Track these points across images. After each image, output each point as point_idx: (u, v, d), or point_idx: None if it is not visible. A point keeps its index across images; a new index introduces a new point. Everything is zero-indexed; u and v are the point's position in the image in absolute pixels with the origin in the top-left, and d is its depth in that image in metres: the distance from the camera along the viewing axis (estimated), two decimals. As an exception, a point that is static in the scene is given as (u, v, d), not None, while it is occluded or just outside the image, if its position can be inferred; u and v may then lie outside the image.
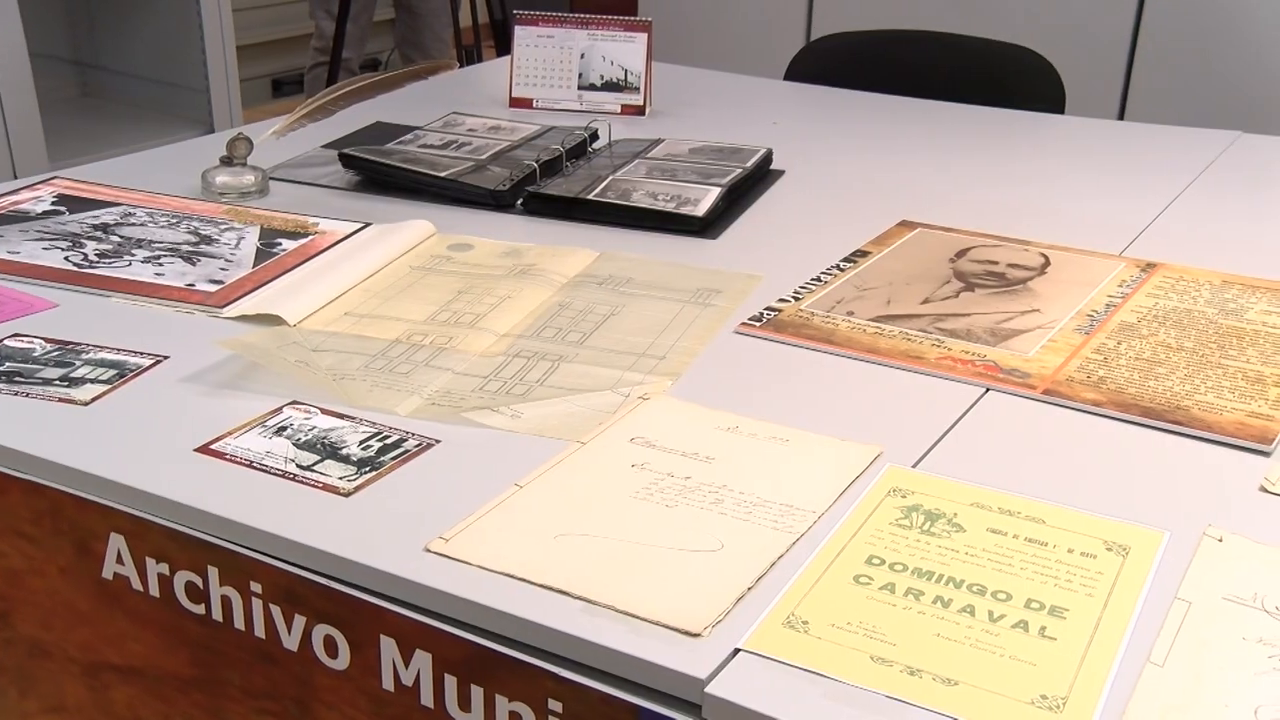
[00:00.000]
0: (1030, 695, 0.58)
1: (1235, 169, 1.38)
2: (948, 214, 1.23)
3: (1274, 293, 1.04)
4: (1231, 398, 0.86)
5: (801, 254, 1.13)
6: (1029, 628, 0.63)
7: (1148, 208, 1.26)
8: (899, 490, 0.75)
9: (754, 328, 0.99)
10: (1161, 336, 0.96)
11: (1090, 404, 0.86)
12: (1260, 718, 0.56)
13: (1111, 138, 1.53)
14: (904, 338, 0.97)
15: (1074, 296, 1.04)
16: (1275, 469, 0.77)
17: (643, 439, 0.80)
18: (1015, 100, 1.65)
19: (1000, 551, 0.69)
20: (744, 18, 2.69)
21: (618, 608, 0.63)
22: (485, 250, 1.13)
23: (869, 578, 0.67)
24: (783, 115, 1.63)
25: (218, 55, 2.28)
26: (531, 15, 1.60)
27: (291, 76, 3.95)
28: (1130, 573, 0.67)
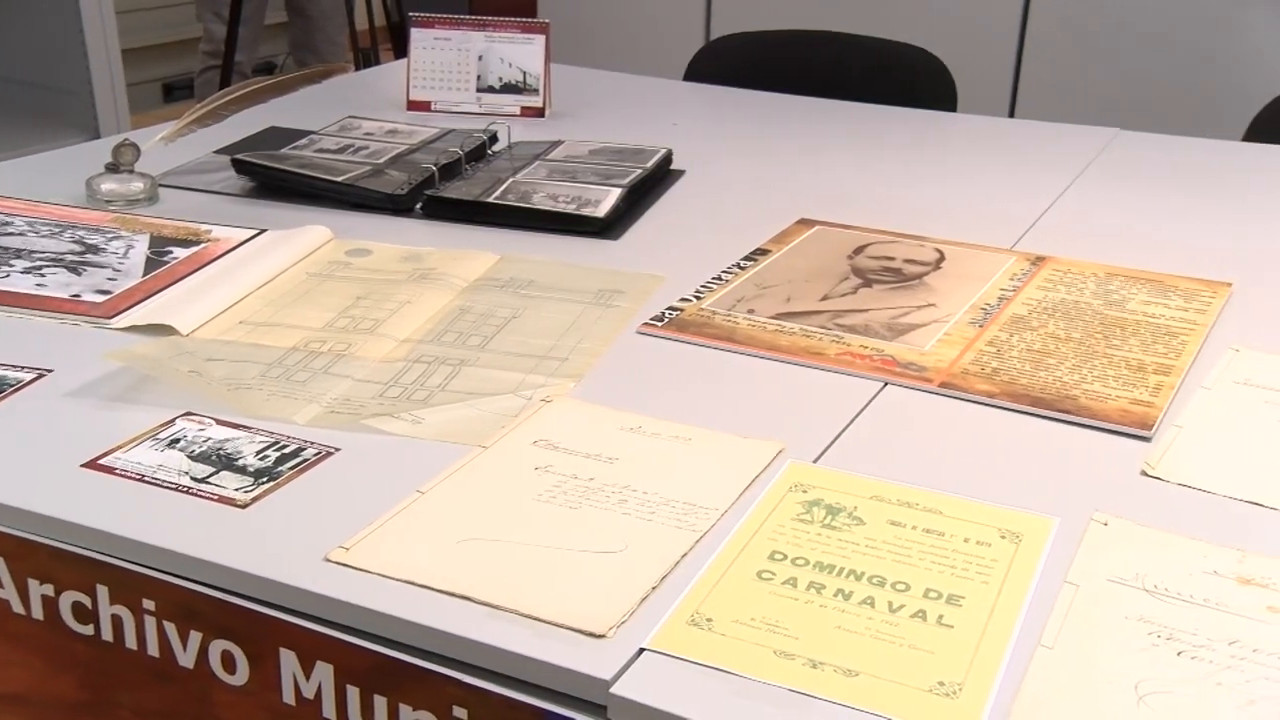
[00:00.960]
0: (928, 683, 0.59)
1: (1115, 164, 1.42)
2: (846, 211, 1.25)
3: (1153, 284, 1.07)
4: (1115, 386, 0.89)
5: (702, 253, 1.14)
6: (927, 617, 0.64)
7: (1036, 203, 1.29)
8: (800, 486, 0.76)
9: (656, 328, 0.99)
10: (1051, 328, 0.99)
11: (984, 395, 0.88)
12: (1140, 692, 0.58)
13: (1001, 135, 1.57)
14: (804, 334, 0.98)
15: (968, 290, 1.06)
16: (1155, 453, 0.80)
17: (546, 441, 0.80)
18: (909, 99, 1.69)
19: (899, 543, 0.70)
20: (643, 19, 2.70)
21: (521, 611, 0.63)
22: (384, 255, 1.12)
23: (772, 573, 0.67)
24: (682, 116, 1.64)
25: (101, 58, 2.21)
26: (428, 17, 1.58)
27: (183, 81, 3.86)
28: (1022, 559, 0.69)
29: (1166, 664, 0.60)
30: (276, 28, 3.41)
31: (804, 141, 1.51)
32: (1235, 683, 0.58)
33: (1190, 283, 1.07)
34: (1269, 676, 0.59)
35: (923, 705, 0.58)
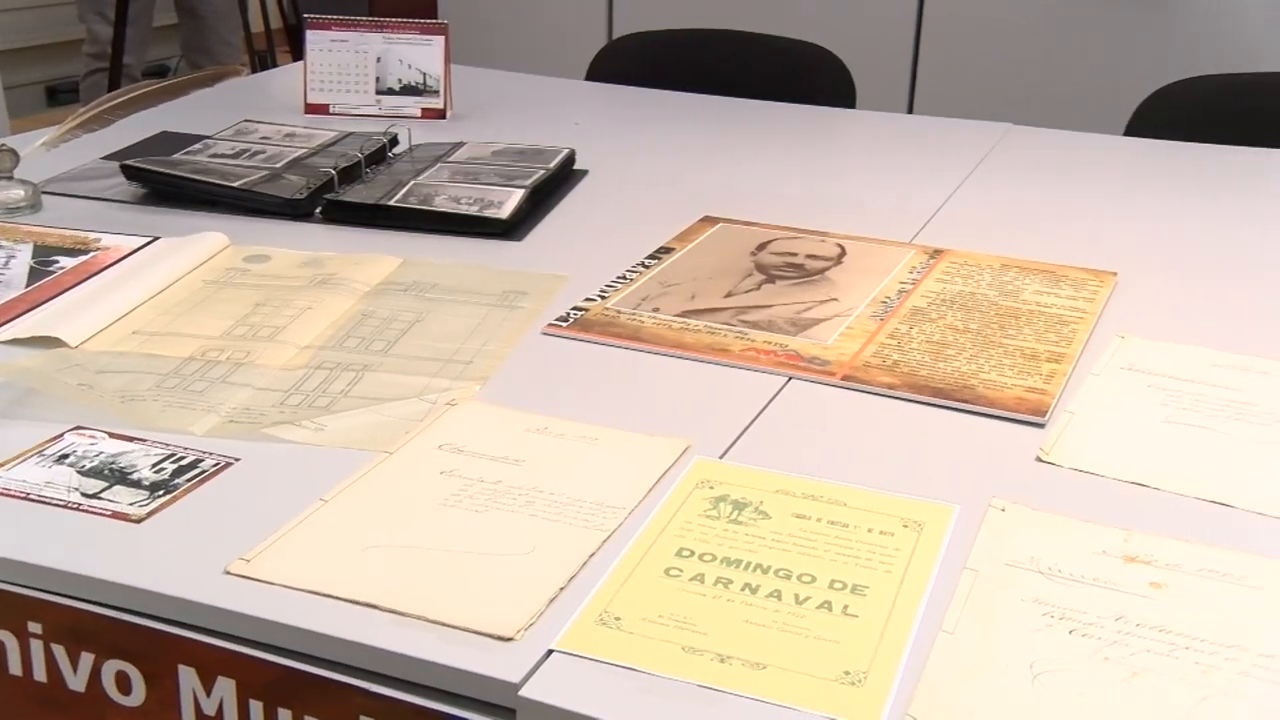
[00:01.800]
0: (834, 672, 0.60)
1: (1008, 159, 1.46)
2: (748, 208, 1.27)
3: (1045, 274, 1.10)
4: (1011, 374, 0.91)
5: (606, 253, 1.14)
6: (833, 607, 0.65)
7: (934, 197, 1.32)
8: (707, 482, 0.77)
9: (561, 328, 0.99)
10: (949, 319, 1.01)
11: (886, 387, 0.90)
12: (1034, 671, 0.59)
13: (899, 131, 1.59)
14: (708, 331, 0.98)
15: (869, 284, 1.08)
16: (1049, 439, 0.82)
17: (451, 445, 0.80)
18: (809, 96, 1.71)
19: (805, 536, 0.71)
20: (544, 19, 2.69)
21: (428, 617, 0.62)
22: (283, 261, 1.10)
23: (679, 570, 0.68)
24: (585, 115, 1.64)
25: (-24, 59, 2.13)
26: (323, 19, 1.56)
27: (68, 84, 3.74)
28: (924, 548, 0.70)
29: (1059, 643, 0.62)
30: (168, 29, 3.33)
31: (706, 139, 1.52)
32: (1120, 656, 0.60)
33: (1079, 272, 1.11)
34: (1150, 649, 0.61)
35: (829, 695, 0.58)
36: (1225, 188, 1.34)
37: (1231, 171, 1.39)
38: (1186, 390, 0.88)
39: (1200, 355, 0.94)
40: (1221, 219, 1.25)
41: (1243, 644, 0.61)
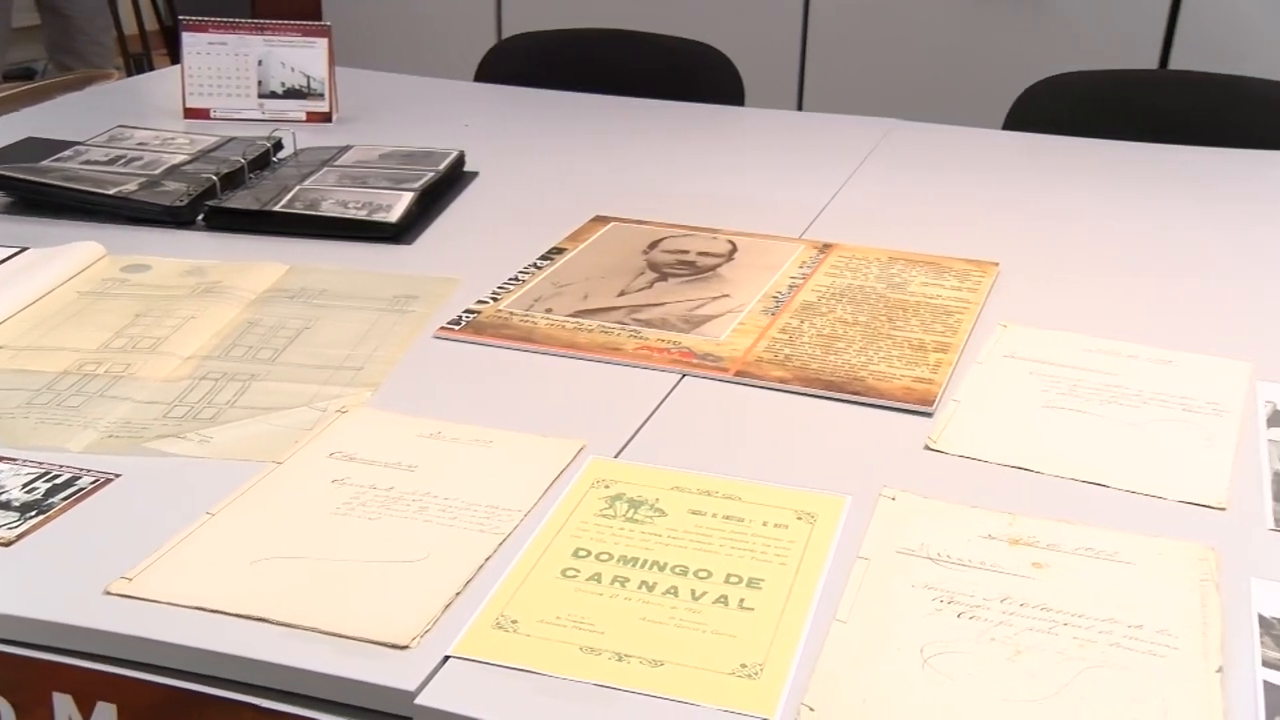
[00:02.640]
0: (731, 666, 0.61)
1: (893, 154, 1.49)
2: (640, 207, 1.27)
3: (930, 266, 1.13)
4: (899, 365, 0.93)
5: (498, 254, 1.13)
6: (729, 601, 0.66)
7: (822, 192, 1.34)
8: (602, 481, 0.77)
9: (453, 331, 0.98)
10: (839, 313, 1.02)
11: (778, 382, 0.91)
12: (925, 655, 0.61)
13: (787, 127, 1.62)
14: (602, 331, 0.98)
15: (760, 280, 1.09)
16: (937, 427, 0.84)
17: (342, 453, 0.78)
18: (698, 94, 1.72)
19: (701, 531, 0.72)
20: (431, 20, 2.66)
21: (321, 629, 0.61)
22: (164, 270, 1.07)
23: (576, 570, 0.68)
24: (474, 117, 1.62)
25: None
26: (200, 21, 1.52)
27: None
28: (818, 538, 0.71)
29: (948, 626, 0.63)
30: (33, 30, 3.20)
31: (597, 139, 1.52)
32: (1005, 636, 0.62)
33: (963, 264, 1.13)
34: (1033, 627, 0.63)
35: (726, 688, 0.59)
36: (1098, 179, 1.39)
37: (1103, 164, 1.44)
38: (1064, 376, 0.91)
39: (1076, 341, 0.97)
40: (1094, 210, 1.29)
41: (1115, 617, 0.63)
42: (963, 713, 0.57)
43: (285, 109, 1.54)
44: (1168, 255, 1.16)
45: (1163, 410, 0.86)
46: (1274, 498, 0.75)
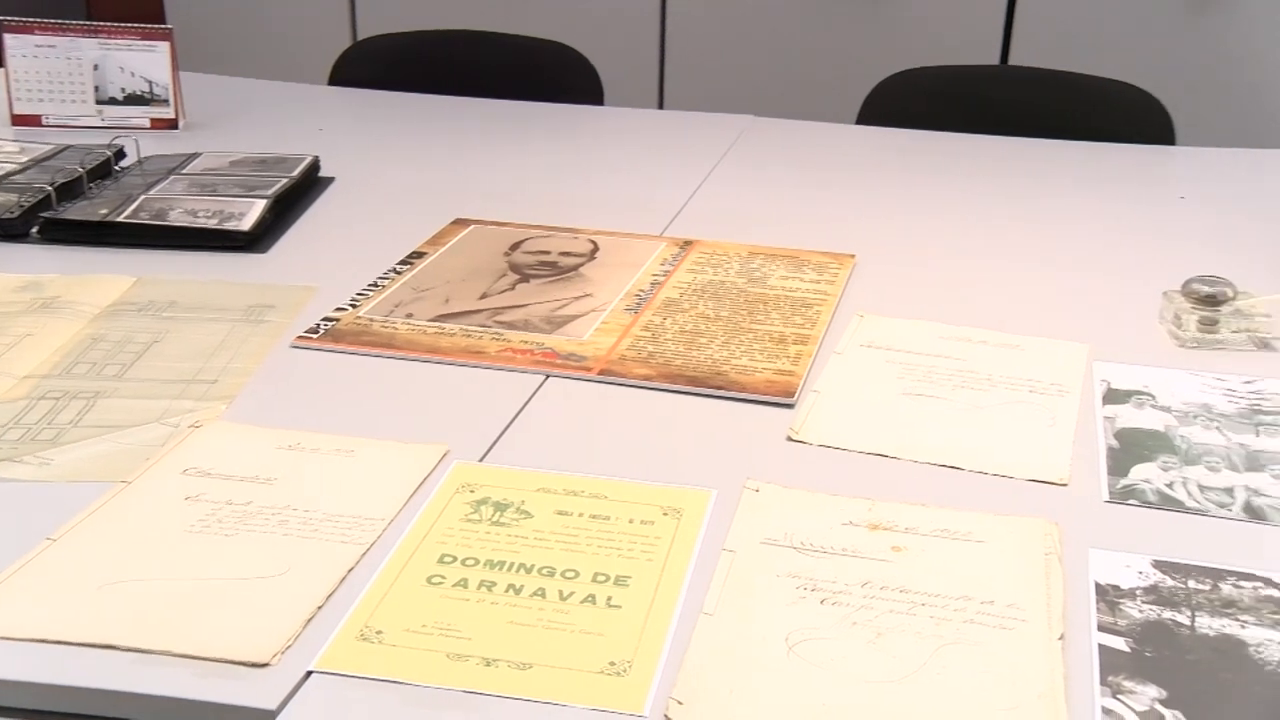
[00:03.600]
0: (600, 665, 0.61)
1: (750, 150, 1.51)
2: (500, 209, 1.26)
3: (789, 259, 1.15)
4: (761, 358, 0.94)
5: (357, 260, 1.11)
6: (596, 600, 0.66)
7: (682, 189, 1.35)
8: (468, 485, 0.76)
9: (312, 340, 0.96)
10: (701, 308, 1.03)
11: (642, 379, 0.91)
12: (790, 642, 0.62)
13: (646, 126, 1.63)
14: (464, 334, 0.98)
15: (622, 278, 1.10)
16: (798, 418, 0.86)
17: (196, 469, 0.76)
18: (556, 94, 1.72)
19: (567, 532, 0.72)
20: (282, 22, 2.59)
21: (175, 652, 0.59)
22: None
23: (442, 577, 0.67)
24: (328, 121, 1.59)
25: None
26: (23, 22, 1.44)
27: None
28: (684, 533, 0.72)
29: (811, 612, 0.64)
30: None
31: (455, 141, 1.51)
32: (867, 619, 0.64)
33: (821, 256, 1.16)
34: (893, 609, 0.65)
35: (594, 687, 0.59)
36: (947, 171, 1.43)
37: (951, 156, 1.49)
38: (919, 363, 0.94)
39: (930, 329, 1.00)
40: (944, 201, 1.33)
41: (969, 595, 0.66)
42: (826, 697, 0.58)
43: (127, 116, 1.48)
44: (1013, 243, 1.20)
45: (1010, 393, 0.89)
46: (1109, 472, 0.79)
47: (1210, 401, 0.87)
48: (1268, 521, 0.73)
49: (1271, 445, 0.81)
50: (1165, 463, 0.79)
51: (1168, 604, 0.65)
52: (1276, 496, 0.75)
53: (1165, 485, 0.77)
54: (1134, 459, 0.80)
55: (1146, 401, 0.87)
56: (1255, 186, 1.35)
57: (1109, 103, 1.65)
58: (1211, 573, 0.67)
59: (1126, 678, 0.59)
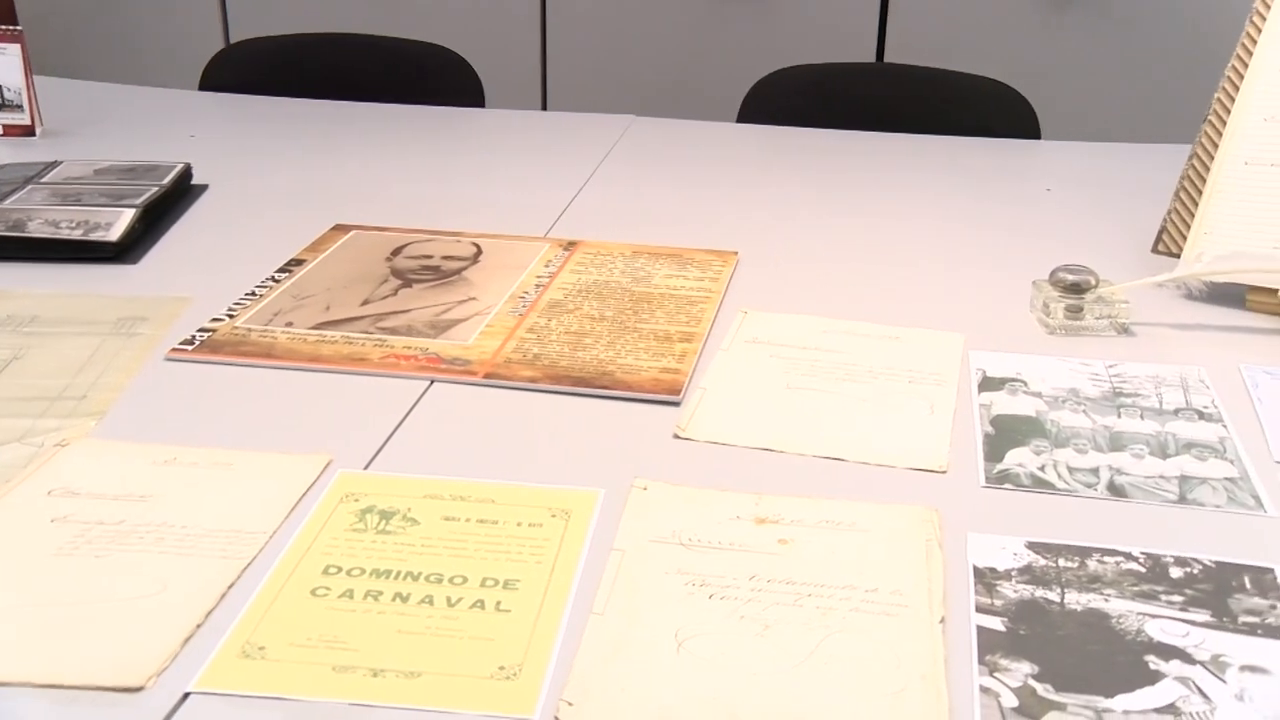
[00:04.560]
0: (490, 670, 0.60)
1: (633, 149, 1.52)
2: (381, 213, 1.24)
3: (673, 258, 1.16)
4: (647, 357, 0.95)
5: (233, 270, 1.09)
6: (485, 605, 0.65)
7: (565, 190, 1.35)
8: (352, 495, 0.75)
9: (186, 352, 0.93)
10: (586, 309, 1.03)
11: (528, 381, 0.91)
12: (679, 639, 0.62)
13: (527, 127, 1.62)
14: (346, 342, 0.96)
15: (506, 281, 1.09)
16: (685, 416, 0.87)
17: (63, 489, 0.73)
18: (436, 97, 1.70)
19: (455, 538, 0.71)
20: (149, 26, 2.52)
21: (37, 682, 0.57)
22: None
23: (327, 588, 0.66)
24: (200, 127, 1.55)
25: None
26: None
27: None
28: (572, 534, 0.72)
29: (700, 608, 0.65)
30: None
31: (333, 146, 1.48)
32: (754, 613, 0.64)
33: (704, 254, 1.17)
34: (780, 601, 0.65)
35: (484, 693, 0.59)
36: (826, 167, 1.46)
37: (829, 152, 1.52)
38: (802, 357, 0.95)
39: (812, 323, 1.01)
40: (824, 196, 1.35)
41: (853, 583, 0.67)
42: (715, 691, 0.59)
43: (-21, 123, 1.42)
44: (890, 236, 1.23)
45: (891, 384, 0.91)
46: (985, 457, 0.81)
47: (1077, 386, 0.90)
48: (1128, 499, 0.76)
49: (1131, 426, 0.84)
50: (1037, 446, 0.82)
51: (1040, 583, 0.67)
52: (1136, 475, 0.79)
53: (1037, 468, 0.79)
54: (1008, 444, 0.82)
55: (1019, 388, 0.90)
56: (1117, 178, 1.41)
57: (977, 98, 1.70)
58: (1079, 550, 0.70)
59: (1002, 656, 0.61)
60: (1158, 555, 0.69)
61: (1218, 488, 0.77)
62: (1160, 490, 0.77)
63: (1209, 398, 0.88)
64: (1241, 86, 1.07)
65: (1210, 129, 1.08)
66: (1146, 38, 2.24)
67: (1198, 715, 0.57)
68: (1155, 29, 2.24)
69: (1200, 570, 0.68)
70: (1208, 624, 0.64)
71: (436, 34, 1.88)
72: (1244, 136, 1.05)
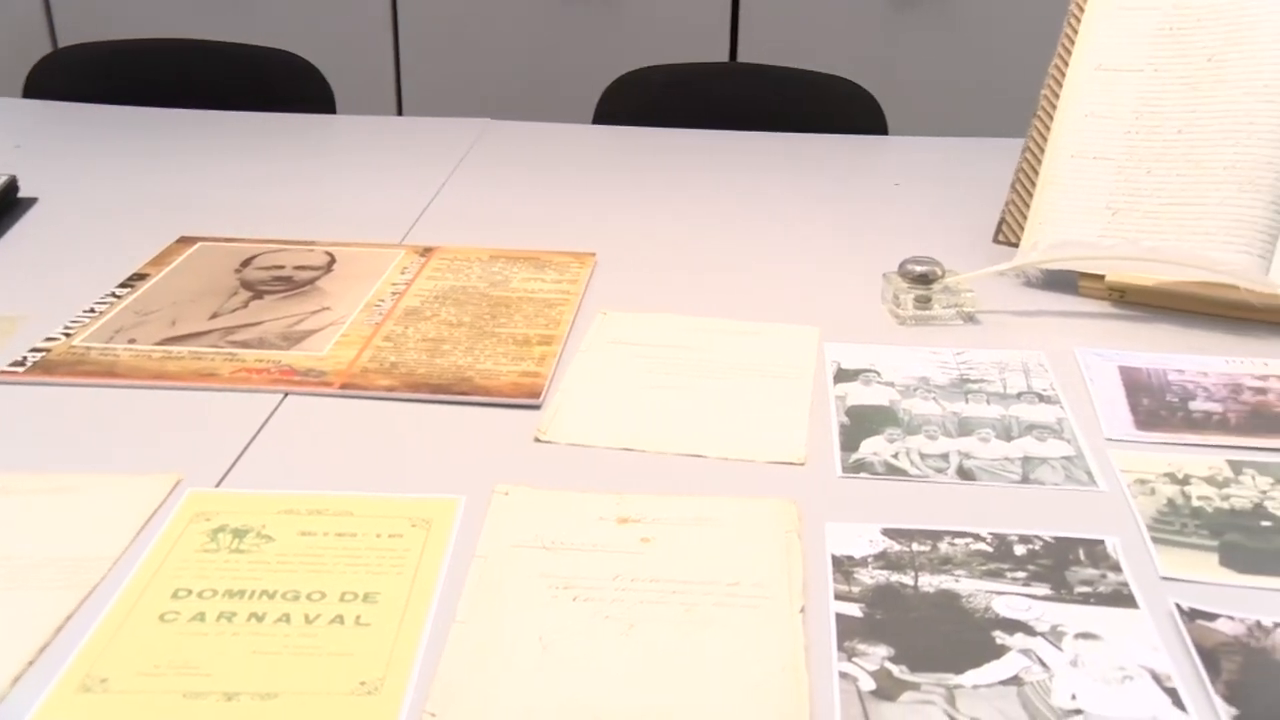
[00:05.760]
0: (350, 686, 0.59)
1: (488, 153, 1.51)
2: (229, 224, 1.21)
3: (531, 261, 1.15)
4: (506, 361, 0.94)
5: (68, 286, 1.04)
6: (345, 620, 0.64)
7: (420, 195, 1.33)
8: (203, 514, 0.72)
9: (18, 374, 0.89)
10: (444, 315, 1.02)
11: (385, 390, 0.89)
12: (544, 643, 0.62)
13: (380, 133, 1.59)
14: (194, 357, 0.93)
15: (361, 289, 1.07)
16: (545, 419, 0.86)
17: (-115, 525, 0.69)
18: (284, 104, 1.66)
19: (313, 552, 0.69)
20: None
21: None
22: None
23: (176, 612, 0.63)
24: (26, 137, 1.48)
25: None
26: None
27: None
28: (433, 543, 0.71)
29: (564, 611, 0.65)
30: None
31: (176, 156, 1.43)
32: (618, 612, 0.65)
33: (562, 256, 1.17)
34: (644, 600, 0.66)
35: (344, 709, 0.57)
36: (681, 167, 1.47)
37: (684, 151, 1.53)
38: (662, 355, 0.96)
39: (671, 322, 1.02)
40: (680, 195, 1.36)
41: (716, 578, 0.68)
42: (580, 693, 0.59)
43: None
44: (746, 233, 1.25)
45: (749, 379, 0.92)
46: (842, 448, 0.83)
47: (928, 374, 0.93)
48: (976, 481, 0.79)
49: (978, 411, 0.87)
50: (891, 435, 0.84)
51: (895, 568, 0.69)
52: (983, 458, 0.81)
53: (891, 456, 0.81)
54: (863, 433, 0.84)
55: (873, 378, 0.92)
56: (961, 171, 1.46)
57: (827, 96, 1.74)
58: (931, 534, 0.72)
59: (860, 641, 0.63)
60: (1003, 534, 0.72)
61: (1056, 466, 0.81)
62: (1005, 472, 0.80)
63: (1048, 380, 0.92)
64: (1064, 83, 1.12)
65: (1039, 123, 1.13)
66: (986, 36, 2.33)
67: (1038, 684, 0.59)
68: (992, 27, 2.32)
69: (1041, 546, 0.71)
70: (1047, 597, 0.66)
71: (282, 40, 1.84)
72: (1069, 130, 1.10)
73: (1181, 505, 0.76)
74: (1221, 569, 0.70)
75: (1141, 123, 1.08)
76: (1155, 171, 1.06)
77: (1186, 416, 0.87)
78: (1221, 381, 0.92)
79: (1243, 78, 1.04)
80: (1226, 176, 1.03)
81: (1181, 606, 0.65)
